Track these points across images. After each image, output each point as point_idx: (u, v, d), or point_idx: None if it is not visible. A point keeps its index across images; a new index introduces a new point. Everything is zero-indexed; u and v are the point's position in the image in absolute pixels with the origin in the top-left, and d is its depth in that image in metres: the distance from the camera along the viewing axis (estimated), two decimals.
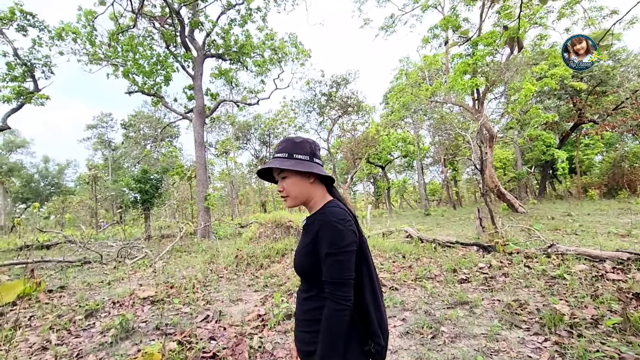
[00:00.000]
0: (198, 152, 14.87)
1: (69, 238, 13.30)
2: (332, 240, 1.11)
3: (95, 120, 43.58)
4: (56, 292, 5.83)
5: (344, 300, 1.08)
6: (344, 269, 1.10)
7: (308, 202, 1.29)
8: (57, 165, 43.76)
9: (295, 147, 1.25)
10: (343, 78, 26.12)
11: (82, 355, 3.26)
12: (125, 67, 13.98)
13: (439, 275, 5.31)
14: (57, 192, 41.38)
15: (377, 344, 1.16)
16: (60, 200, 36.58)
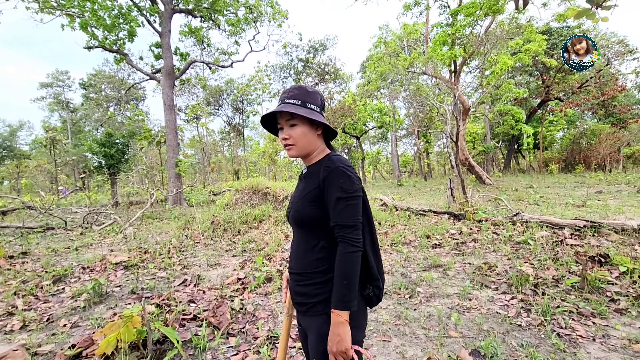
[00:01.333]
0: (167, 115, 14.13)
1: (27, 204, 12.52)
2: (342, 185, 1.11)
3: (50, 79, 39.99)
4: (18, 258, 5.52)
5: (357, 242, 1.10)
6: (355, 212, 1.12)
7: (310, 153, 1.26)
8: (9, 126, 40.29)
9: (308, 96, 1.22)
10: (321, 44, 25.29)
11: (53, 320, 3.14)
12: (82, 19, 12.70)
13: (413, 241, 5.50)
14: (9, 155, 38.37)
15: (375, 287, 1.19)
16: (15, 165, 34.03)
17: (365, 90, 27.75)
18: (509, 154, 28.18)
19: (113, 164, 14.84)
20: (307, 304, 1.19)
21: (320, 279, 1.16)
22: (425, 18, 18.15)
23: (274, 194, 7.04)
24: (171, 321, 2.83)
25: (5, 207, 14.41)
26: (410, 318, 2.89)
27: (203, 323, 2.76)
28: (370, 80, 23.31)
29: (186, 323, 2.94)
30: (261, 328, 2.77)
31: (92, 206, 13.38)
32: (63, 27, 13.00)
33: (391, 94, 27.72)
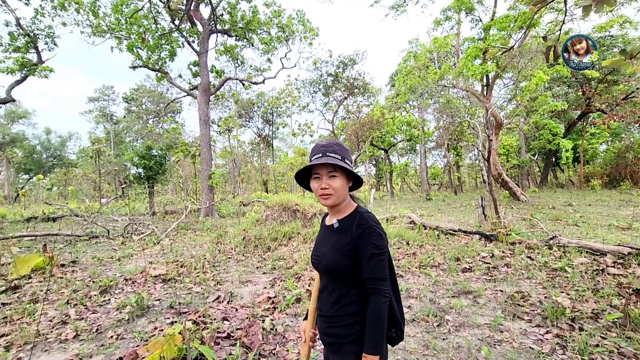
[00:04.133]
0: (202, 130, 14.81)
1: (74, 212, 13.48)
2: (375, 242, 1.24)
3: (97, 93, 43.09)
4: (68, 266, 5.99)
5: (387, 293, 1.24)
6: (385, 267, 1.27)
7: (341, 203, 1.37)
8: (59, 137, 43.65)
9: (345, 152, 1.35)
10: (350, 59, 25.60)
11: (102, 331, 3.40)
12: (129, 41, 13.71)
13: (442, 264, 5.43)
14: (59, 164, 41.47)
15: (398, 329, 1.33)
16: (63, 173, 36.69)
17: (394, 102, 27.68)
18: (546, 167, 26.90)
19: (151, 175, 15.68)
20: (337, 343, 1.32)
21: (350, 322, 1.29)
22: (456, 31, 18.00)
23: (302, 211, 7.19)
24: (207, 339, 3.00)
25: (55, 213, 15.55)
26: (438, 348, 2.89)
27: (237, 343, 2.91)
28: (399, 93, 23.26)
29: (220, 341, 3.09)
30: (291, 350, 2.88)
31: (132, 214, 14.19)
32: (112, 49, 14.09)
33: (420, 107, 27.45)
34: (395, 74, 26.74)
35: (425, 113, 29.50)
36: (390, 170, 30.66)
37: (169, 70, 16.19)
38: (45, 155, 41.43)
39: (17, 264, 5.23)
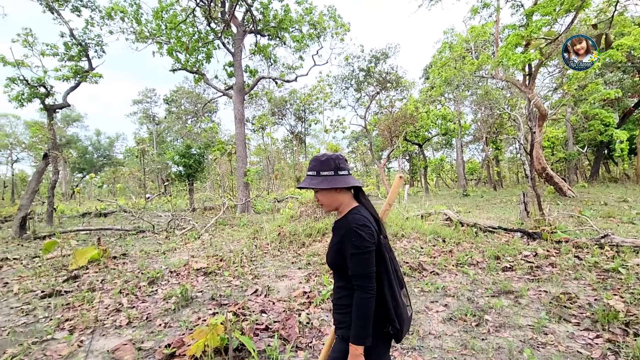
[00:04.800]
0: (238, 128, 15.27)
1: (123, 208, 14.46)
2: (355, 242, 1.35)
3: (140, 96, 45.67)
4: (119, 258, 6.47)
5: (370, 290, 1.33)
6: (367, 265, 1.35)
7: (338, 207, 1.53)
8: (108, 138, 46.87)
9: (322, 165, 1.48)
10: (383, 52, 25.16)
11: (151, 319, 3.66)
12: (169, 46, 14.40)
13: (481, 262, 5.26)
14: (108, 163, 44.58)
15: (393, 327, 1.38)
16: (112, 171, 39.42)
17: (428, 96, 26.89)
18: (597, 160, 24.95)
19: (191, 173, 16.44)
20: (337, 327, 1.51)
21: (343, 311, 1.44)
22: (495, 18, 17.10)
23: None
24: (247, 330, 3.14)
25: (106, 209, 16.74)
26: (477, 349, 2.83)
27: (275, 335, 3.02)
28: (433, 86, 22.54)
29: (259, 333, 3.22)
30: None
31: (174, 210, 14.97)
32: (154, 54, 14.88)
33: (456, 99, 26.46)
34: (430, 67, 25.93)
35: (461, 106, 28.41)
36: (425, 166, 29.90)
37: (206, 71, 16.83)
38: (96, 155, 44.67)
39: (76, 256, 5.73)
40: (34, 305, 4.12)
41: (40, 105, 12.37)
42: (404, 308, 1.41)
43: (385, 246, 1.43)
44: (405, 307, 1.43)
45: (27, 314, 3.90)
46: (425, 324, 3.31)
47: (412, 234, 6.89)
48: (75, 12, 13.31)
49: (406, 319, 1.41)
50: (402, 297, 1.43)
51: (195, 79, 16.83)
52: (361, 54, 24.50)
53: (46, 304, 4.17)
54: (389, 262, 1.42)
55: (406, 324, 1.41)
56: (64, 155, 37.35)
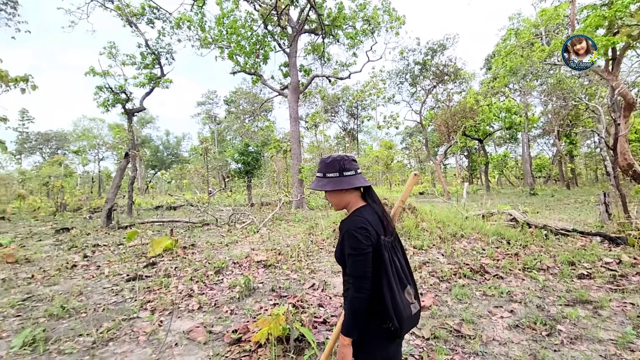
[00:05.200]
0: (292, 127, 15.69)
1: (190, 202, 15.70)
2: (350, 245, 1.41)
3: (203, 98, 49.02)
4: (189, 248, 7.07)
5: (362, 289, 1.38)
6: (361, 266, 1.39)
7: (345, 206, 1.60)
8: (176, 137, 51.07)
9: (327, 167, 1.54)
10: (440, 44, 24.03)
11: (219, 305, 3.98)
12: (230, 50, 15.24)
13: (552, 267, 4.85)
14: (176, 160, 48.60)
15: (392, 325, 1.40)
16: (179, 168, 42.94)
17: (491, 87, 25.14)
18: None
19: (249, 170, 17.29)
20: None
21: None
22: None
23: (391, 205, 7.14)
24: (306, 322, 3.28)
25: (175, 203, 18.31)
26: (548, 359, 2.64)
27: (333, 329, 3.11)
28: (496, 77, 20.99)
29: (317, 326, 3.34)
30: None
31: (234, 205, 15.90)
32: (216, 58, 15.91)
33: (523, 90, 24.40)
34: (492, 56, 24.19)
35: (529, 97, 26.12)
36: (486, 162, 28.05)
37: (263, 72, 17.51)
38: (166, 153, 48.95)
39: (153, 245, 6.39)
40: (121, 287, 4.70)
41: (122, 110, 13.90)
42: (405, 306, 1.43)
43: (385, 246, 1.44)
44: (409, 305, 1.46)
45: (117, 294, 4.46)
46: (488, 329, 3.16)
47: (473, 234, 6.57)
48: (150, 24, 14.69)
49: (407, 317, 1.43)
50: (404, 295, 1.45)
51: (253, 80, 17.64)
52: (417, 46, 23.67)
53: (131, 286, 4.73)
54: (389, 262, 1.43)
55: (407, 321, 1.43)
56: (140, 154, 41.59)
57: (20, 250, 7.02)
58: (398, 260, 1.51)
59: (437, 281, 4.46)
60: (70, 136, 44.85)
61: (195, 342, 3.10)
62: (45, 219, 14.50)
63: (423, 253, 5.76)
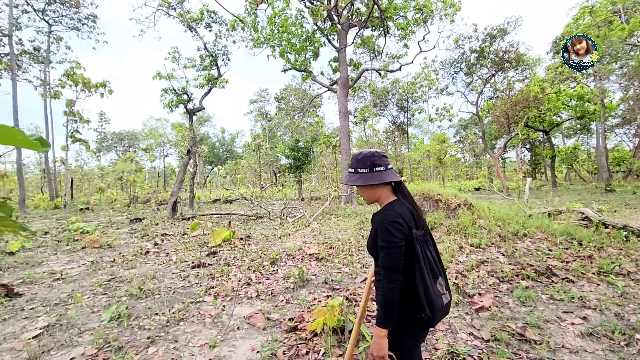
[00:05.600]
0: (342, 122, 15.71)
1: (244, 196, 16.50)
2: (383, 238, 1.46)
3: (255, 96, 50.92)
4: (245, 240, 7.47)
5: (394, 281, 1.43)
6: (394, 258, 1.44)
7: (377, 200, 1.65)
8: (230, 135, 53.77)
9: (358, 163, 1.62)
10: (500, 29, 22.35)
11: (275, 294, 4.18)
12: (281, 48, 15.64)
13: (634, 272, 4.35)
14: (230, 156, 51.22)
15: (425, 315, 1.46)
16: (233, 164, 45.22)
17: (559, 73, 22.89)
18: None
19: (299, 165, 17.69)
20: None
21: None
22: None
23: (445, 201, 6.88)
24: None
25: (230, 197, 19.34)
26: None
27: None
28: None
29: (371, 319, 3.38)
30: (441, 340, 2.90)
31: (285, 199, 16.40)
32: (268, 57, 16.38)
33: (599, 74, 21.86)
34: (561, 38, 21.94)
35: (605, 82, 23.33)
36: (552, 155, 25.62)
37: (312, 69, 17.73)
38: (221, 149, 51.81)
39: (214, 236, 6.85)
40: (187, 273, 5.13)
41: (184, 110, 14.97)
42: (437, 297, 1.48)
43: (418, 239, 1.50)
44: (440, 295, 1.50)
45: (184, 279, 4.88)
46: (557, 336, 2.96)
47: (537, 233, 6.11)
48: (208, 28, 15.58)
49: (439, 307, 1.48)
50: (436, 286, 1.50)
51: (303, 77, 17.94)
52: (474, 33, 22.27)
53: (196, 272, 5.14)
54: (421, 255, 1.48)
55: (439, 311, 1.49)
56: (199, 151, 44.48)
57: (103, 237, 7.95)
58: (430, 253, 1.56)
59: (497, 281, 4.24)
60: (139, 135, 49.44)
61: (255, 327, 3.31)
62: (121, 209, 16.21)
63: (481, 251, 5.49)
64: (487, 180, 33.39)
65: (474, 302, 3.66)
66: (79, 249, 7.10)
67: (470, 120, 46.96)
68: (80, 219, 11.03)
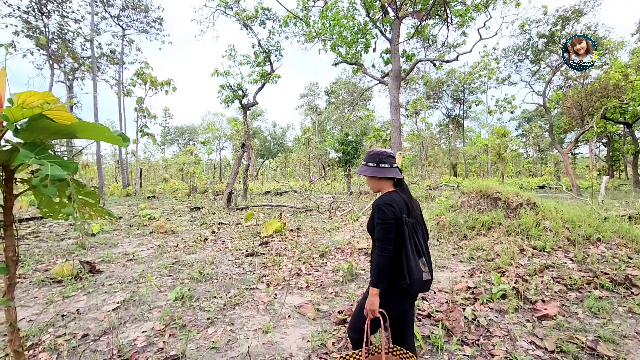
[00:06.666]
0: (393, 115, 15.31)
1: (294, 188, 16.90)
2: (378, 215, 1.83)
3: (306, 90, 51.55)
4: (295, 231, 7.67)
5: (385, 250, 1.79)
6: (385, 232, 1.80)
7: (380, 190, 2.03)
8: (281, 128, 55.18)
9: (370, 158, 2.01)
10: (575, 10, 20.08)
11: (324, 286, 4.25)
12: (332, 42, 15.61)
13: None
14: (281, 150, 52.60)
15: (405, 282, 1.79)
16: (283, 157, 46.40)
17: None
18: None
19: (348, 159, 17.64)
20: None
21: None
22: None
23: (505, 199, 6.42)
24: None
25: (281, 189, 19.90)
26: None
27: (439, 324, 3.03)
28: None
29: (421, 319, 3.30)
30: (499, 347, 2.75)
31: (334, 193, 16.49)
32: (319, 51, 16.46)
33: None
34: None
35: None
36: (635, 151, 22.60)
37: (363, 62, 17.47)
38: (272, 143, 53.41)
39: (266, 226, 7.13)
40: (242, 261, 5.41)
41: (238, 105, 15.64)
42: (417, 271, 1.77)
43: (406, 223, 1.82)
44: (421, 271, 1.78)
45: (239, 266, 5.15)
46: (636, 354, 2.65)
47: (614, 238, 5.47)
48: (262, 25, 16.04)
49: (417, 279, 1.76)
50: (418, 263, 1.80)
51: (354, 70, 17.76)
52: (543, 17, 20.26)
53: (249, 260, 5.41)
54: (408, 235, 1.80)
55: (418, 283, 1.76)
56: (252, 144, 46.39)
57: (167, 223, 8.66)
58: (417, 237, 1.86)
59: (564, 289, 3.89)
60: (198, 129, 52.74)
61: (305, 316, 3.40)
62: (182, 198, 17.50)
63: (545, 255, 5.07)
64: (554, 178, 30.56)
65: (537, 309, 3.40)
66: (147, 233, 7.82)
67: (535, 112, 43.14)
68: (147, 206, 12.12)
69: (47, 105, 1.35)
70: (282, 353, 2.74)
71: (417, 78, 32.40)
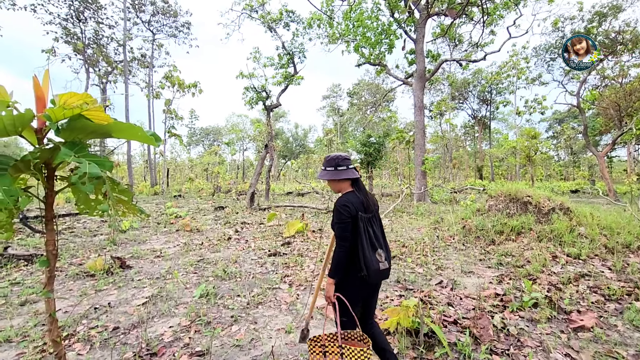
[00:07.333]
0: (417, 116, 15.07)
1: (315, 189, 16.92)
2: (335, 216, 2.00)
3: (328, 91, 51.62)
4: (317, 232, 7.67)
5: (342, 246, 1.96)
6: (342, 230, 1.97)
7: (340, 191, 2.18)
8: (303, 130, 55.47)
9: (327, 163, 2.17)
10: (612, 6, 19.04)
11: None
12: (356, 43, 15.55)
13: None
14: (303, 151, 52.88)
15: (364, 274, 1.96)
16: (305, 158, 46.63)
17: None
18: None
19: (371, 161, 17.48)
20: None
21: None
22: None
23: (536, 204, 6.14)
24: (435, 319, 3.18)
25: (302, 190, 19.99)
26: None
27: (467, 331, 2.93)
28: None
29: (447, 325, 3.20)
30: (531, 358, 2.63)
31: None
32: (343, 53, 16.43)
33: None
34: None
35: None
36: None
37: (386, 62, 17.29)
38: (294, 144, 53.80)
39: (288, 227, 7.17)
40: (265, 260, 5.46)
41: (262, 106, 15.85)
42: (374, 262, 1.95)
43: (362, 219, 1.99)
44: (377, 262, 1.97)
45: (262, 265, 5.20)
46: None
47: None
48: (286, 27, 16.20)
49: (374, 269, 1.94)
50: (374, 254, 1.98)
51: (377, 71, 17.62)
52: (578, 13, 19.32)
53: (272, 260, 5.45)
54: (363, 231, 1.98)
55: (375, 273, 1.94)
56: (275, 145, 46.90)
57: (193, 221, 8.89)
58: (373, 231, 2.04)
59: (602, 299, 3.68)
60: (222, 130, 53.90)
61: (328, 319, 3.38)
62: (206, 198, 17.92)
63: (580, 263, 4.81)
64: (588, 182, 29.07)
65: (572, 320, 3.23)
66: (174, 231, 8.06)
67: (567, 113, 41.27)
68: (174, 204, 12.48)
69: (85, 106, 1.41)
70: (305, 354, 2.74)
71: (442, 79, 31.73)
